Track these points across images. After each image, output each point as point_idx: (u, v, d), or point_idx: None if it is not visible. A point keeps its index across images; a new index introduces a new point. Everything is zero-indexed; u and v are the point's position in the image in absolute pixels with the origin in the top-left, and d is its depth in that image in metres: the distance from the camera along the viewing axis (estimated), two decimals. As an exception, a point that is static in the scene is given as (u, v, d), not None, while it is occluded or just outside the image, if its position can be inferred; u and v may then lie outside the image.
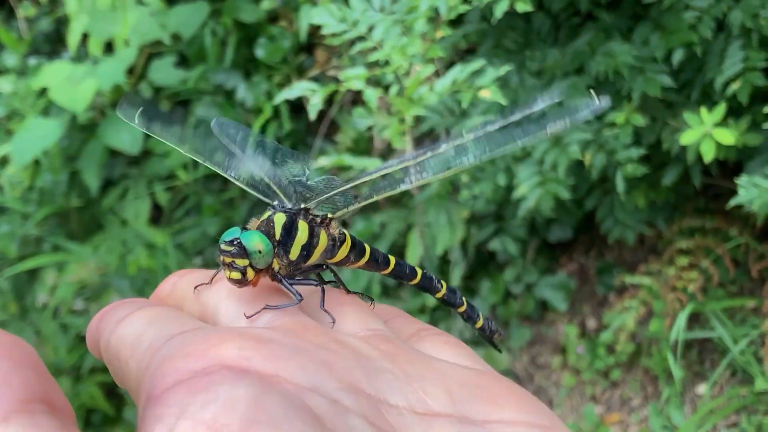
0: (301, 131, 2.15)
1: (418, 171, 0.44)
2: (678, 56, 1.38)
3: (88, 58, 1.99)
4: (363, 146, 2.00)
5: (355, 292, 0.45)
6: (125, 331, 0.35)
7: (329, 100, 1.37)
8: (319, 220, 0.46)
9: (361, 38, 1.31)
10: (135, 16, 1.91)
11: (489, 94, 1.24)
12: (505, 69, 1.27)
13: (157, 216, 2.20)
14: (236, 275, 0.41)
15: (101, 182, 2.04)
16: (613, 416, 1.73)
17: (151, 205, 2.12)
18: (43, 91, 1.91)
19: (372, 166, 1.46)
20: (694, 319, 1.72)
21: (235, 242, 0.41)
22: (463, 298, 0.54)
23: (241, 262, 0.41)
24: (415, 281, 0.52)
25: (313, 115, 1.32)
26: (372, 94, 1.29)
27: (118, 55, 1.90)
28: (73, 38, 1.98)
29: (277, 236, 0.43)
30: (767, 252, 1.67)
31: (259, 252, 0.41)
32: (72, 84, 1.80)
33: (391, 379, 0.33)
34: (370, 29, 1.30)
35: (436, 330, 0.43)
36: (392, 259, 0.51)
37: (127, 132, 1.91)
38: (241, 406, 0.27)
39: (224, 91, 2.10)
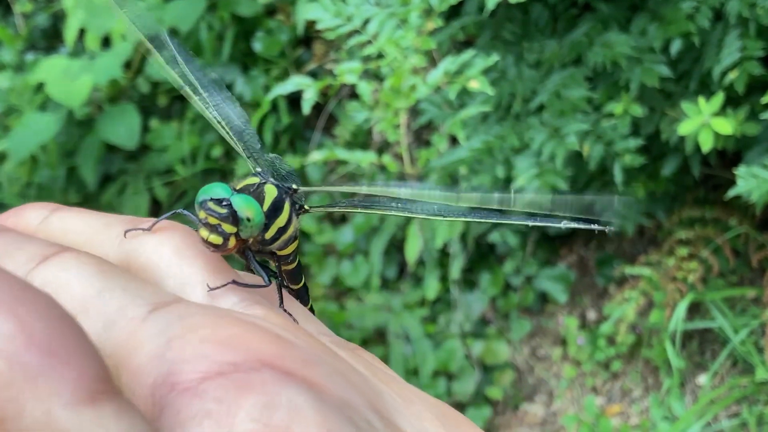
0: (299, 125, 2.15)
1: (425, 210, 0.41)
2: (676, 46, 1.38)
3: (85, 53, 1.99)
4: (361, 139, 2.00)
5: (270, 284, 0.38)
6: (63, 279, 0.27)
7: (325, 94, 1.37)
8: (297, 206, 0.42)
9: (356, 32, 1.31)
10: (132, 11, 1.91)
11: (477, 84, 1.24)
12: (493, 59, 1.27)
13: (155, 211, 2.20)
14: (217, 240, 0.34)
15: (99, 177, 2.04)
16: (613, 407, 1.73)
17: (150, 200, 2.12)
18: (40, 87, 1.90)
19: (366, 161, 1.46)
20: (695, 310, 1.72)
21: (226, 204, 0.36)
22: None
23: (228, 229, 0.35)
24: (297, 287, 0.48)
25: (307, 109, 1.32)
26: (366, 88, 1.28)
27: (115, 50, 1.90)
28: (69, 33, 1.98)
29: (265, 209, 0.38)
30: (767, 241, 1.66)
31: (249, 221, 0.36)
32: (69, 79, 1.80)
33: (391, 401, 0.29)
34: (365, 23, 1.30)
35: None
36: (303, 280, 0.47)
37: (124, 127, 1.91)
38: (309, 415, 0.24)
39: (222, 85, 2.10)
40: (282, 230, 0.40)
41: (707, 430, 1.57)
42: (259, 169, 0.42)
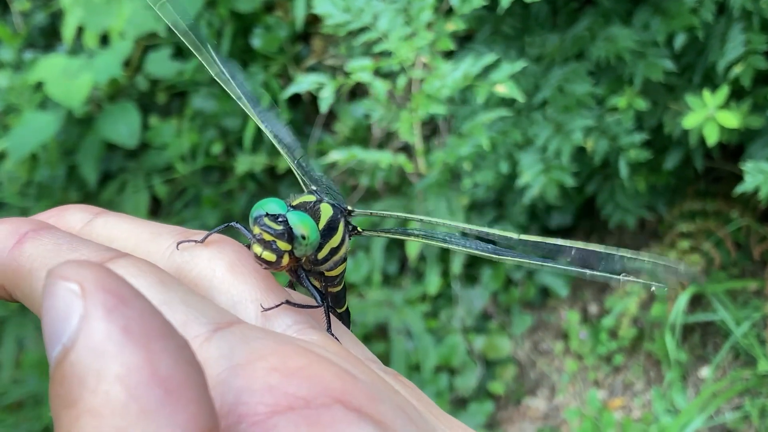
0: (299, 121, 2.15)
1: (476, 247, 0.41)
2: (680, 40, 1.38)
3: (84, 51, 1.98)
4: (361, 135, 2.00)
5: (324, 305, 0.37)
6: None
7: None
8: (351, 228, 0.41)
9: (365, 29, 1.30)
10: (130, 8, 1.90)
11: (505, 89, 1.23)
12: (520, 65, 1.26)
13: (155, 209, 2.20)
14: (270, 257, 0.34)
15: (99, 176, 2.04)
16: (616, 401, 1.73)
17: (150, 198, 2.11)
18: (39, 85, 1.90)
19: (384, 161, 1.44)
20: (697, 303, 1.72)
21: (281, 220, 0.35)
22: None
23: (283, 246, 0.34)
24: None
25: (324, 108, 1.31)
26: (380, 87, 1.27)
27: (114, 48, 1.89)
28: (68, 31, 1.97)
29: (320, 228, 0.37)
30: (769, 234, 1.67)
31: (304, 239, 0.35)
32: (68, 78, 1.79)
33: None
34: (375, 19, 1.29)
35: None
36: (346, 304, 0.46)
37: (124, 125, 1.90)
38: None
39: (221, 82, 2.09)
40: (334, 251, 0.39)
41: (710, 423, 1.57)
42: (314, 188, 0.41)
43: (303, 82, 1.32)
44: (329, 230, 0.38)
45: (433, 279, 1.86)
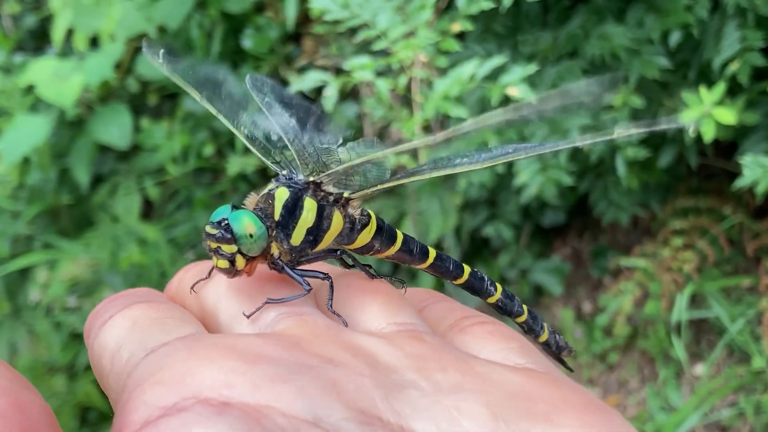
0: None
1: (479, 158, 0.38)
2: (675, 38, 1.38)
3: (73, 54, 1.97)
4: (353, 135, 1.99)
5: (382, 276, 0.38)
6: (106, 337, 0.31)
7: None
8: (332, 198, 0.39)
9: (363, 26, 1.29)
10: (120, 10, 1.90)
11: (517, 92, 1.22)
12: (532, 68, 1.26)
13: (147, 211, 2.19)
14: (223, 263, 0.34)
15: (91, 179, 2.03)
16: (610, 399, 1.73)
17: (142, 200, 2.11)
18: (29, 89, 1.89)
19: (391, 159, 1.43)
20: (690, 300, 1.72)
21: (222, 224, 0.35)
22: (524, 306, 0.46)
23: (228, 249, 0.34)
24: (461, 281, 0.45)
25: (330, 106, 1.29)
26: (383, 86, 1.26)
27: (105, 50, 1.88)
28: (57, 34, 1.97)
29: (277, 216, 0.36)
30: (762, 230, 1.67)
31: (250, 236, 0.34)
32: (59, 80, 1.78)
33: (417, 397, 0.27)
34: (373, 16, 1.28)
35: (483, 317, 0.36)
36: (432, 252, 0.43)
37: (116, 126, 1.90)
38: None
39: (212, 83, 2.09)
40: (316, 229, 0.38)
41: (705, 421, 1.58)
42: (285, 172, 0.40)
43: (306, 80, 1.30)
44: (290, 214, 0.37)
45: (426, 278, 1.85)
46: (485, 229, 1.83)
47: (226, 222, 0.35)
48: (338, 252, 0.40)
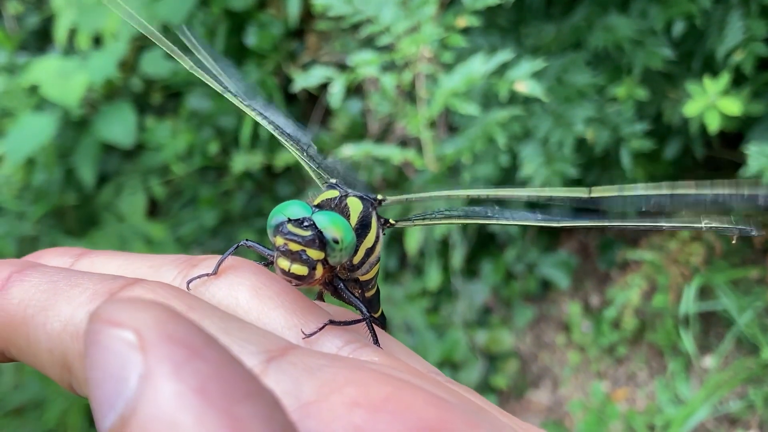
0: (295, 118, 2.14)
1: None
2: (679, 28, 1.37)
3: (76, 53, 1.97)
4: (357, 131, 1.99)
5: (369, 317, 0.32)
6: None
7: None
8: (383, 221, 0.35)
9: (367, 22, 1.28)
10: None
11: (525, 88, 1.22)
12: (540, 64, 1.25)
13: (153, 210, 2.19)
14: (302, 270, 0.29)
15: (96, 178, 2.03)
16: (619, 392, 1.73)
17: (147, 199, 2.10)
18: (33, 89, 1.89)
19: (396, 157, 1.41)
20: (698, 292, 1.71)
21: (308, 224, 0.29)
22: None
23: (315, 255, 0.29)
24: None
25: (336, 102, 1.29)
26: (389, 81, 1.26)
27: (109, 49, 1.88)
28: (60, 33, 1.96)
29: (353, 227, 0.32)
30: (769, 222, 1.66)
31: (337, 243, 0.29)
32: (63, 79, 1.78)
33: None
34: (378, 11, 1.27)
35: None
36: (380, 307, 0.41)
37: (120, 125, 1.89)
38: None
39: (216, 80, 2.08)
40: (369, 251, 0.33)
41: (715, 413, 1.57)
42: (333, 180, 0.35)
43: (311, 77, 1.30)
44: (362, 228, 0.33)
45: (433, 274, 1.85)
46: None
47: (312, 222, 0.30)
48: (357, 282, 0.36)
